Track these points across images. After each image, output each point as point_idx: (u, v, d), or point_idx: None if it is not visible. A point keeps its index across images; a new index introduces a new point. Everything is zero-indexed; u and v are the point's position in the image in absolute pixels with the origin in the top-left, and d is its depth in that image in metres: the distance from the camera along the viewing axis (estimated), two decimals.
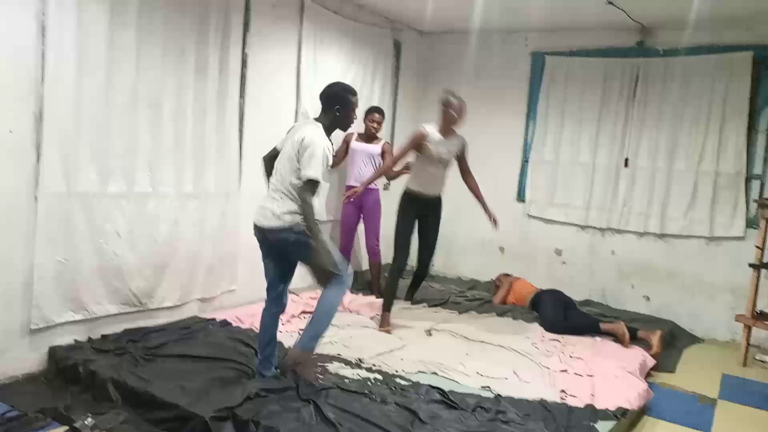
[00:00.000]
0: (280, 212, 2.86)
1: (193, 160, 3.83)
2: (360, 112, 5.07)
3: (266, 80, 4.35)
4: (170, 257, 3.76)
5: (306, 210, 2.79)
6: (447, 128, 4.15)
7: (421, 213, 4.31)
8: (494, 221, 4.43)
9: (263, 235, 2.95)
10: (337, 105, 2.96)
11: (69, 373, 3.01)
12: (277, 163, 2.96)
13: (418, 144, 4.12)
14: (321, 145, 2.81)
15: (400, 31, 5.83)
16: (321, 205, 4.98)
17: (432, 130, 4.14)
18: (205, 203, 3.95)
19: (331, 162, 2.93)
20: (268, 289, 3.09)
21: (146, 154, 3.57)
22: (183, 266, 3.85)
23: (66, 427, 2.58)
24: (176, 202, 3.76)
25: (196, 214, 3.89)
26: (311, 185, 2.80)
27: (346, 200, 4.60)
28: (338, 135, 4.97)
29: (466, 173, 4.43)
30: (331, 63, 4.95)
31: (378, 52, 5.51)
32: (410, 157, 4.39)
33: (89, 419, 2.58)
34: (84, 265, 3.30)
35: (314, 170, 2.77)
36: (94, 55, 3.23)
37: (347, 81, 5.09)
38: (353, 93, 3.06)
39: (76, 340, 3.28)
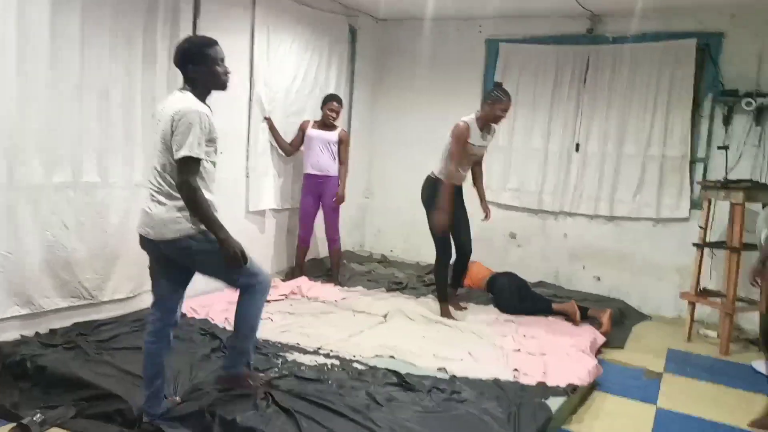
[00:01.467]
0: (169, 217, 2.37)
1: (143, 149, 3.74)
2: (317, 100, 5.11)
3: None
4: (121, 248, 3.68)
5: (193, 198, 2.31)
6: (487, 124, 4.14)
7: (457, 202, 4.31)
8: (486, 215, 4.49)
9: (154, 246, 2.45)
10: (189, 64, 2.41)
11: (16, 368, 2.91)
12: (153, 161, 2.42)
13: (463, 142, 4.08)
14: (194, 112, 2.31)
15: (356, 17, 5.80)
16: (273, 192, 4.94)
17: (473, 126, 4.10)
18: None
19: (215, 133, 2.43)
20: (155, 304, 2.54)
21: (94, 143, 3.48)
22: (135, 257, 3.75)
23: (13, 424, 2.52)
24: (126, 191, 3.68)
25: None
26: (188, 165, 2.29)
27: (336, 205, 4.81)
28: (294, 123, 4.96)
29: (479, 162, 4.44)
30: (285, 50, 4.89)
31: (333, 39, 5.47)
32: None
33: (38, 415, 2.52)
34: (30, 258, 3.21)
35: (189, 146, 2.27)
36: (38, 42, 3.12)
37: (302, 69, 5.10)
38: (209, 44, 2.47)
39: (22, 335, 3.19)
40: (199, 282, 2.62)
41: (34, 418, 2.49)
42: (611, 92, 5.18)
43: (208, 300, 4.00)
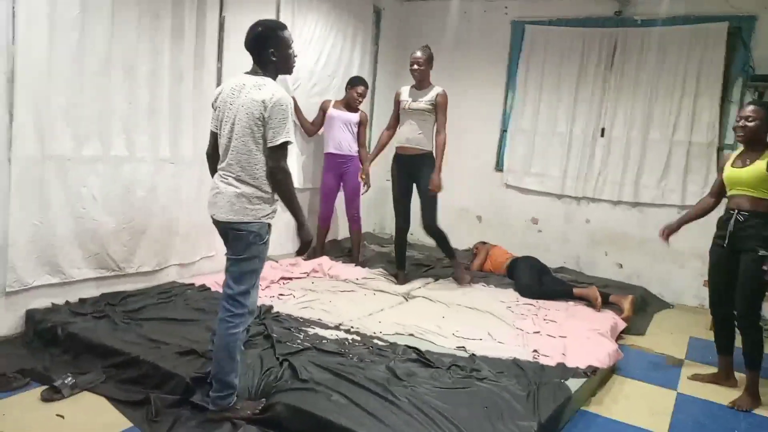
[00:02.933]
0: (241, 201, 2.38)
1: (170, 125, 3.80)
2: (340, 80, 5.11)
3: (243, 47, 4.28)
4: (147, 222, 3.75)
5: (286, 182, 2.39)
6: (417, 81, 4.27)
7: (409, 171, 4.35)
8: (434, 187, 4.25)
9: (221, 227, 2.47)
10: (270, 48, 2.41)
11: (47, 335, 3.01)
12: (227, 142, 2.41)
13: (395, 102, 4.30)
14: (286, 98, 2.37)
15: None
16: (296, 171, 4.98)
17: (405, 88, 4.33)
18: (182, 169, 3.92)
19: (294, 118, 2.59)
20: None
21: (121, 117, 3.52)
22: (160, 232, 3.84)
23: (46, 387, 2.61)
24: (152, 167, 3.73)
25: (173, 180, 3.87)
26: (284, 150, 2.37)
27: (365, 186, 4.80)
28: (316, 104, 4.97)
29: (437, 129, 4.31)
30: (310, 30, 4.90)
31: (358, 20, 5.46)
32: None
33: (69, 378, 2.61)
34: (59, 229, 3.28)
35: (287, 132, 2.34)
36: (67, 17, 3.16)
37: (326, 49, 5.10)
38: (282, 27, 2.50)
39: (53, 303, 3.28)
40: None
41: (66, 381, 2.58)
42: (638, 76, 5.10)
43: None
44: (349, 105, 4.91)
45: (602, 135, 5.28)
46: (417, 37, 6.13)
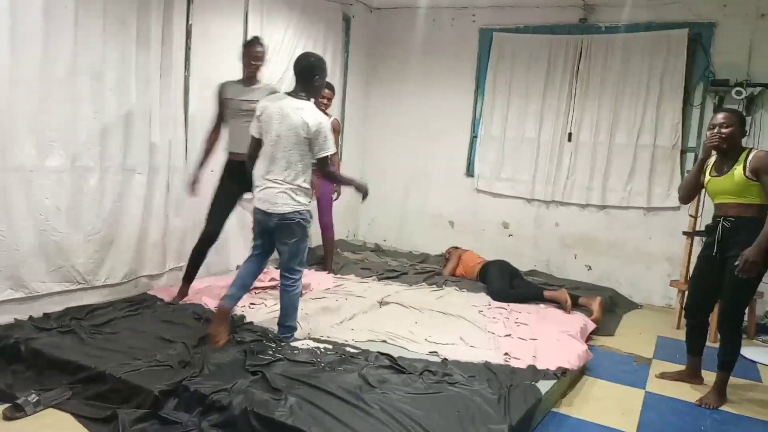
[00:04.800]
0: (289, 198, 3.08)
1: (138, 133, 3.74)
2: None
3: (211, 53, 4.27)
4: (115, 233, 3.69)
5: (334, 177, 3.43)
6: (246, 74, 3.75)
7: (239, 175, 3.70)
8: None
9: (267, 217, 3.13)
10: (316, 75, 3.09)
11: (10, 352, 2.91)
12: (276, 152, 3.04)
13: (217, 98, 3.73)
14: (327, 125, 3.07)
15: (350, 5, 5.80)
16: None
17: (229, 82, 3.76)
18: (151, 177, 3.87)
19: None
20: (255, 247, 3.33)
21: (87, 127, 3.47)
22: (129, 242, 3.78)
23: (8, 405, 2.53)
24: (120, 176, 3.68)
25: (142, 189, 3.82)
26: (330, 159, 3.14)
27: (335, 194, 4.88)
28: None
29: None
30: (279, 37, 4.89)
31: (327, 27, 5.47)
32: None
33: (32, 395, 2.54)
34: (23, 242, 3.21)
35: (332, 146, 3.09)
36: (30, 24, 3.11)
37: (296, 55, 5.04)
38: (325, 61, 3.20)
39: (16, 319, 3.19)
40: None
41: (29, 398, 2.51)
42: (603, 82, 5.21)
43: (200, 286, 4.02)
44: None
45: (570, 140, 5.37)
46: (387, 45, 6.20)
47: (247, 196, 3.67)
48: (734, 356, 3.19)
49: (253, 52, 3.69)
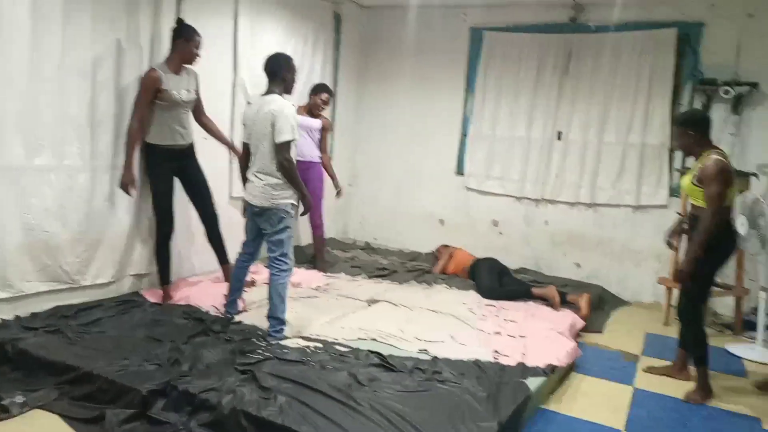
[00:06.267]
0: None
1: (126, 132, 3.71)
2: (302, 86, 5.09)
3: (202, 52, 4.23)
4: (104, 233, 3.66)
5: (288, 167, 3.21)
6: (179, 65, 3.66)
7: (179, 166, 3.79)
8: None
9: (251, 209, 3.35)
10: (284, 71, 3.30)
11: None
12: (256, 148, 3.26)
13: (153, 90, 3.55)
14: (289, 112, 3.19)
15: (341, 4, 5.78)
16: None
17: (163, 68, 3.60)
18: (140, 177, 3.83)
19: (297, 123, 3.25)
20: (246, 242, 3.54)
21: (76, 125, 3.44)
22: (117, 242, 3.75)
23: None
24: (108, 175, 3.65)
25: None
26: (287, 146, 3.19)
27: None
28: None
29: (201, 113, 3.94)
30: (269, 35, 4.87)
31: (318, 26, 5.46)
32: None
33: (19, 396, 2.52)
34: (9, 241, 3.18)
35: (287, 131, 3.16)
36: (17, 22, 3.08)
37: (287, 53, 5.05)
38: (292, 58, 3.44)
39: (2, 319, 3.16)
40: (178, 267, 2.61)
41: (15, 400, 2.49)
42: (593, 81, 5.23)
43: (187, 285, 4.01)
44: (312, 111, 4.90)
45: (559, 138, 5.39)
46: (378, 44, 6.19)
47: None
48: (698, 348, 3.27)
49: (198, 43, 3.67)
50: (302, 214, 3.50)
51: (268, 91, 3.30)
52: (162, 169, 3.70)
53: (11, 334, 2.98)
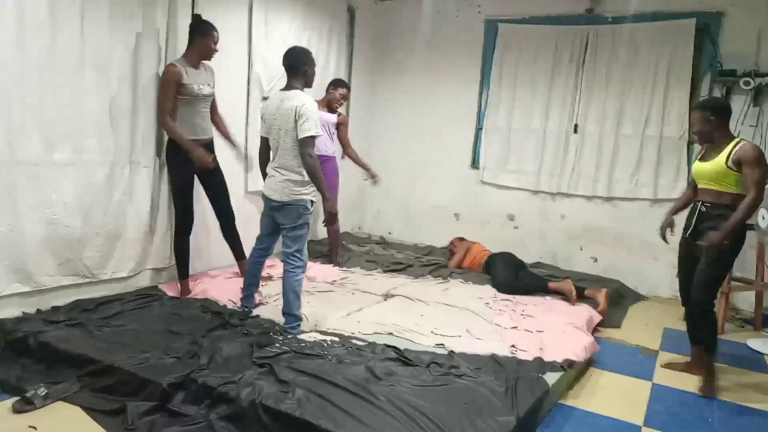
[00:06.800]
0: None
1: (145, 126, 3.74)
2: (316, 80, 5.02)
3: (217, 45, 4.25)
4: (123, 226, 3.70)
5: (312, 163, 3.17)
6: (198, 60, 3.67)
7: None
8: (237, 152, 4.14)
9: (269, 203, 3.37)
10: (305, 66, 3.28)
11: (19, 345, 2.94)
12: (276, 143, 3.26)
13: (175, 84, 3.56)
14: (312, 107, 3.18)
15: None
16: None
17: (182, 63, 3.61)
18: (158, 172, 3.87)
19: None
20: (261, 237, 3.56)
21: (94, 120, 3.48)
22: (136, 236, 3.79)
23: (17, 398, 2.55)
24: (127, 170, 3.68)
25: (148, 182, 3.82)
26: (311, 141, 3.18)
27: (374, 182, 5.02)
28: None
29: (215, 111, 3.94)
30: (284, 29, 4.87)
31: (332, 19, 5.45)
32: None
33: (41, 389, 2.56)
34: (30, 235, 3.22)
35: (310, 127, 3.15)
36: (36, 17, 3.11)
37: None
38: (311, 51, 3.42)
39: (24, 312, 3.22)
40: (195, 261, 2.62)
41: (38, 392, 2.53)
42: (609, 72, 5.17)
43: (206, 279, 4.04)
44: (330, 106, 4.89)
45: (575, 131, 5.34)
46: (392, 37, 6.17)
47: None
48: (709, 338, 3.24)
49: (216, 39, 3.68)
50: (326, 222, 3.49)
51: (288, 86, 3.29)
52: (183, 164, 3.70)
53: (33, 327, 3.02)
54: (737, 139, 3.13)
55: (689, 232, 3.30)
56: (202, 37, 3.63)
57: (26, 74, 3.10)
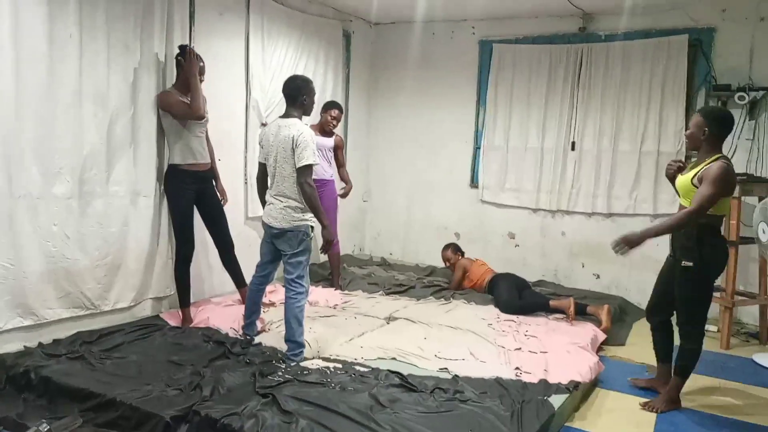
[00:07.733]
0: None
1: (144, 156, 3.76)
2: (316, 105, 5.06)
3: (214, 74, 4.29)
4: (123, 258, 3.70)
5: (310, 192, 3.21)
6: (187, 90, 3.68)
7: (199, 189, 3.82)
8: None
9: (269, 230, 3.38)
10: (303, 95, 3.31)
11: (20, 380, 2.92)
12: (274, 170, 3.29)
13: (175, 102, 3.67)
14: (309, 136, 3.22)
15: (350, 22, 5.83)
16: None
17: (174, 92, 3.72)
18: (158, 201, 3.88)
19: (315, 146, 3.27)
20: (261, 264, 3.54)
21: (93, 151, 3.49)
22: (136, 266, 3.78)
23: None
24: (126, 200, 3.69)
25: (148, 212, 3.83)
26: (309, 169, 3.21)
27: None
28: None
29: (207, 138, 3.92)
30: (281, 55, 4.92)
31: (328, 44, 5.50)
32: None
33: (44, 425, 2.52)
34: (31, 269, 3.22)
35: (308, 156, 3.19)
36: (34, 51, 3.15)
37: (298, 74, 5.10)
38: (311, 81, 3.44)
39: (25, 346, 3.20)
40: (195, 288, 2.62)
41: (40, 428, 2.50)
42: (605, 89, 5.21)
43: (207, 307, 4.03)
44: (323, 129, 4.92)
45: (573, 148, 5.37)
46: (388, 59, 6.23)
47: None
48: (690, 362, 3.15)
49: (200, 68, 3.73)
50: (323, 250, 3.45)
51: (287, 114, 3.33)
52: (184, 191, 3.73)
53: (35, 362, 3.00)
54: (717, 157, 2.99)
55: (671, 249, 3.24)
56: (188, 66, 3.67)
57: (25, 107, 3.12)
